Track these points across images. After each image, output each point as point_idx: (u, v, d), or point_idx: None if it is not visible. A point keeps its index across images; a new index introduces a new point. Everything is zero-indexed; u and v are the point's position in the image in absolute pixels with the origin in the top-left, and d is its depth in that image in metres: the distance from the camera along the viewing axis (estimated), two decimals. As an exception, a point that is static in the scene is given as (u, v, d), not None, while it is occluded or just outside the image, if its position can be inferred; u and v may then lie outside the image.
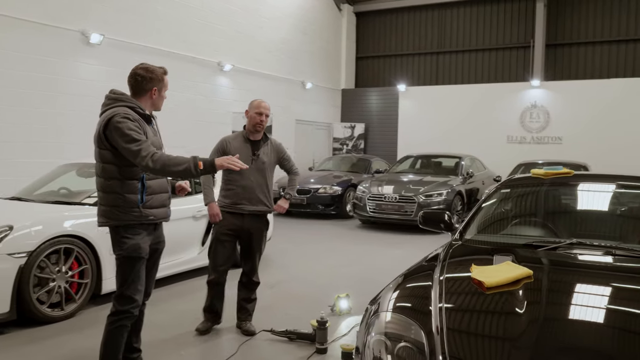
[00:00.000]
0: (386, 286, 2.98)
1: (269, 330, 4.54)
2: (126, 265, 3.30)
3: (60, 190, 6.13)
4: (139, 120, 3.24)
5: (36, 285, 4.64)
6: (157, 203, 3.40)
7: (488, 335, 2.31)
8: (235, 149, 4.38)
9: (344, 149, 17.13)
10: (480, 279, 2.65)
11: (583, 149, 13.93)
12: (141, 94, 3.37)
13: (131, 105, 3.27)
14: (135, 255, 3.29)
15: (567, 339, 2.24)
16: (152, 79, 3.36)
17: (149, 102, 3.40)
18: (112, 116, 3.16)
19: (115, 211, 3.25)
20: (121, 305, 3.31)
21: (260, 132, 4.54)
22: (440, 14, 17.19)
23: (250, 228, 4.54)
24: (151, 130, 3.36)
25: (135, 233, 3.29)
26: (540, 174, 4.03)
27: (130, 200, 3.25)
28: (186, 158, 3.14)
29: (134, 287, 3.31)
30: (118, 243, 3.29)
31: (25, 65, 8.62)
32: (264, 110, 4.50)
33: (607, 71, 15.05)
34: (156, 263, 3.63)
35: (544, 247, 3.11)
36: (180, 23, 11.49)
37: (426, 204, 10.25)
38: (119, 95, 3.31)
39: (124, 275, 3.31)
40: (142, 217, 3.30)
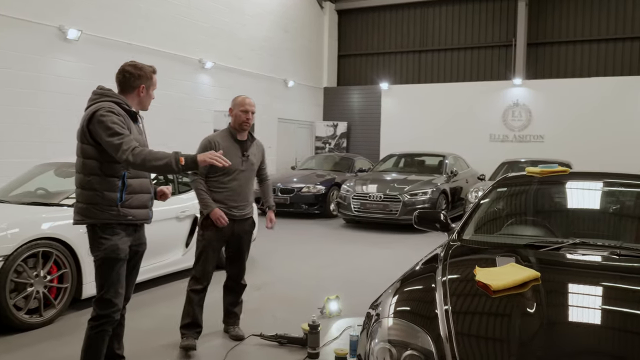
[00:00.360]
0: (386, 290, 2.86)
1: (259, 334, 4.40)
2: (105, 267, 3.16)
3: (37, 191, 5.89)
4: (124, 116, 3.14)
5: (13, 290, 4.42)
6: (137, 203, 3.26)
7: (499, 339, 2.20)
8: (224, 150, 4.03)
9: (326, 148, 17.02)
10: (486, 281, 2.54)
11: (564, 147, 14.02)
12: (128, 91, 3.28)
13: (117, 101, 3.18)
14: (113, 257, 3.15)
15: (580, 342, 2.15)
16: (140, 76, 3.28)
17: (136, 100, 3.31)
18: (96, 110, 3.08)
19: (92, 209, 3.13)
20: (101, 309, 3.17)
21: (246, 131, 4.32)
22: (422, 12, 17.17)
23: (241, 232, 4.35)
24: (136, 129, 3.26)
25: (114, 233, 3.16)
26: (536, 173, 3.95)
27: (109, 198, 3.13)
28: (167, 153, 3.06)
29: (114, 290, 3.17)
30: (95, 243, 3.17)
31: (1, 62, 8.32)
32: (249, 108, 4.26)
33: (588, 70, 15.17)
34: (136, 266, 3.48)
35: (546, 247, 3.02)
36: (161, 19, 11.25)
37: (411, 202, 10.18)
38: (105, 91, 3.22)
39: (103, 278, 3.17)
40: (120, 217, 3.17)
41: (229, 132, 4.29)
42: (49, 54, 9.02)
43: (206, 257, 4.21)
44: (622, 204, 3.70)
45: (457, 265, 2.93)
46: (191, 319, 4.19)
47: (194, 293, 4.21)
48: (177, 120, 11.43)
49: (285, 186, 11.87)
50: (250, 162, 4.31)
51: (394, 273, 6.83)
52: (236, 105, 4.26)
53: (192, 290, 4.21)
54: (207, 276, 4.25)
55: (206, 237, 4.20)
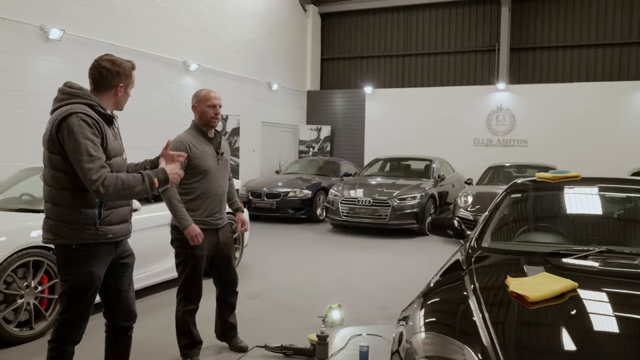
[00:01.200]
0: (411, 304, 2.74)
1: (263, 346, 4.24)
2: (74, 293, 2.81)
3: (22, 197, 5.64)
4: (98, 122, 2.74)
5: (2, 302, 4.19)
6: (117, 219, 2.89)
7: (546, 351, 2.09)
8: (199, 152, 3.79)
9: (310, 152, 16.89)
10: (522, 292, 2.43)
11: (548, 151, 14.14)
12: (104, 89, 2.87)
13: (90, 103, 2.77)
14: (86, 285, 2.81)
15: (629, 354, 2.05)
16: (118, 74, 2.88)
17: (112, 100, 2.91)
18: (66, 115, 2.67)
19: (65, 227, 2.74)
20: (64, 332, 2.86)
21: (214, 129, 3.93)
22: (406, 16, 17.18)
23: (225, 240, 4.05)
24: (112, 133, 2.86)
25: (91, 256, 2.80)
26: (547, 178, 3.88)
27: (86, 215, 2.76)
28: (138, 177, 2.73)
29: (79, 315, 2.85)
30: (67, 267, 2.80)
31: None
32: (216, 101, 3.85)
33: (570, 75, 15.35)
34: (130, 280, 3.13)
35: (572, 255, 2.94)
36: (145, 19, 11.00)
37: (400, 207, 10.11)
38: (76, 90, 2.80)
39: (70, 303, 2.82)
40: (98, 236, 2.80)
41: (198, 131, 3.88)
42: (31, 55, 8.71)
43: (197, 275, 3.88)
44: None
45: (485, 274, 2.83)
46: (190, 338, 3.93)
47: (188, 314, 3.90)
48: (161, 123, 11.17)
49: (271, 191, 11.70)
50: (224, 160, 4.00)
51: (390, 279, 6.78)
52: (201, 101, 3.86)
53: (186, 312, 3.89)
54: (199, 295, 3.96)
55: (195, 256, 3.81)
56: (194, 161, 3.76)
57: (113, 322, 3.11)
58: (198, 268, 3.86)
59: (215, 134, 3.99)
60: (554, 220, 3.64)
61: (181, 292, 3.91)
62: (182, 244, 3.80)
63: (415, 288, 6.26)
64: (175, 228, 3.83)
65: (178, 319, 3.92)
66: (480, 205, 9.79)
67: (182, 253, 3.84)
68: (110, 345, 3.18)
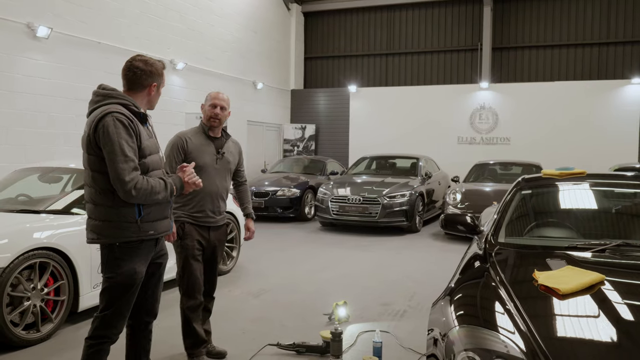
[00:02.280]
0: (437, 302, 2.77)
1: (275, 344, 4.24)
2: (117, 291, 2.85)
3: (18, 198, 5.55)
4: (133, 121, 2.80)
5: (8, 305, 4.12)
6: (158, 215, 2.95)
7: (587, 342, 2.15)
8: (195, 147, 3.81)
9: (295, 151, 16.89)
10: (552, 285, 2.49)
11: (530, 148, 14.39)
12: (138, 89, 2.94)
13: (125, 103, 2.84)
14: (129, 282, 2.86)
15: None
16: (152, 74, 2.95)
17: (146, 100, 2.98)
18: (102, 115, 2.74)
19: (108, 226, 2.81)
20: (102, 329, 2.87)
21: (217, 128, 3.94)
22: (389, 15, 17.28)
23: (216, 241, 3.99)
24: (146, 132, 2.92)
25: (134, 254, 2.86)
26: (554, 175, 3.97)
27: (126, 214, 2.81)
28: (162, 184, 2.85)
29: (119, 313, 2.89)
30: (110, 265, 2.85)
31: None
32: (218, 102, 3.90)
33: (550, 74, 15.63)
34: (161, 279, 3.19)
35: (590, 248, 3.01)
36: (132, 18, 10.87)
37: (389, 205, 10.18)
38: (109, 92, 2.87)
39: (111, 301, 2.86)
40: (140, 233, 2.86)
41: (201, 129, 3.95)
42: (17, 53, 8.54)
43: (192, 268, 3.82)
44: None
45: (508, 268, 2.89)
46: (195, 337, 3.88)
47: (191, 310, 3.84)
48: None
49: (259, 190, 11.68)
50: (226, 160, 3.96)
51: (386, 276, 6.84)
52: (207, 100, 3.96)
53: (189, 308, 3.83)
54: (199, 288, 3.86)
55: (186, 246, 3.81)
56: (189, 155, 3.77)
57: (134, 317, 3.12)
58: (191, 259, 3.80)
59: (222, 134, 3.99)
60: (564, 215, 3.72)
61: (181, 288, 3.87)
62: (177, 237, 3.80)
63: (412, 284, 6.40)
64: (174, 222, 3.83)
65: (182, 317, 3.89)
66: (468, 202, 9.93)
67: (175, 246, 3.83)
68: (131, 340, 3.20)
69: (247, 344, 4.35)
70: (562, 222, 3.62)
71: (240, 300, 5.72)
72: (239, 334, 4.64)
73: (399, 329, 4.81)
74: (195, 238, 3.82)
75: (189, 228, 3.81)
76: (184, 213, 3.81)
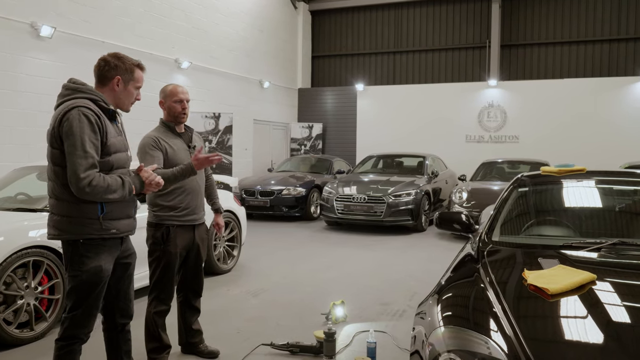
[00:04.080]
0: (424, 301, 2.71)
1: (269, 344, 4.19)
2: (83, 289, 2.78)
3: (17, 196, 5.55)
4: (100, 116, 2.74)
5: (1, 303, 4.11)
6: (120, 214, 2.88)
7: (572, 344, 2.07)
8: (168, 146, 3.68)
9: (302, 150, 16.84)
10: (541, 285, 2.42)
11: (539, 147, 14.23)
12: (103, 83, 2.88)
13: (93, 98, 2.78)
14: (96, 280, 2.79)
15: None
16: (116, 67, 2.86)
17: (112, 95, 2.89)
18: (69, 109, 2.68)
19: (69, 222, 2.74)
20: (72, 330, 2.81)
21: (182, 124, 3.82)
22: (396, 13, 17.18)
23: (199, 240, 3.91)
24: (114, 129, 2.86)
25: (99, 251, 2.80)
26: (553, 172, 3.88)
27: (88, 210, 2.74)
28: (120, 182, 2.74)
29: (89, 312, 2.82)
30: (75, 263, 2.77)
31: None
32: (183, 96, 3.74)
33: (560, 71, 15.45)
34: (131, 280, 3.11)
35: (585, 247, 2.93)
36: (136, 17, 10.88)
37: (395, 204, 10.10)
38: (78, 85, 2.81)
39: (79, 300, 2.78)
40: (102, 231, 2.79)
41: (167, 127, 3.77)
42: (21, 52, 8.57)
43: (171, 274, 3.74)
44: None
45: (499, 268, 2.81)
46: (159, 342, 3.78)
47: (159, 315, 3.76)
48: (154, 122, 11.02)
49: (265, 189, 11.65)
50: None
51: (389, 276, 6.76)
52: (168, 96, 3.75)
53: (157, 313, 3.75)
54: (171, 295, 3.81)
55: (169, 253, 3.69)
56: (165, 156, 3.65)
57: (109, 319, 3.09)
58: (172, 266, 3.73)
59: (185, 129, 3.89)
60: (561, 213, 3.63)
61: (153, 292, 3.77)
62: (156, 241, 3.72)
63: (414, 284, 6.32)
64: (151, 225, 3.75)
65: (148, 320, 3.78)
66: (475, 201, 9.82)
67: (156, 250, 3.73)
68: (110, 343, 3.15)
69: (240, 344, 4.30)
70: (559, 220, 3.54)
71: (239, 299, 5.68)
72: (234, 333, 4.59)
73: (397, 329, 4.74)
74: (178, 245, 3.74)
75: (173, 233, 3.72)
76: (167, 215, 3.72)
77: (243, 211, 7.33)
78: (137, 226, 3.08)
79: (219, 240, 6.71)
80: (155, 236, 3.72)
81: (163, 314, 3.80)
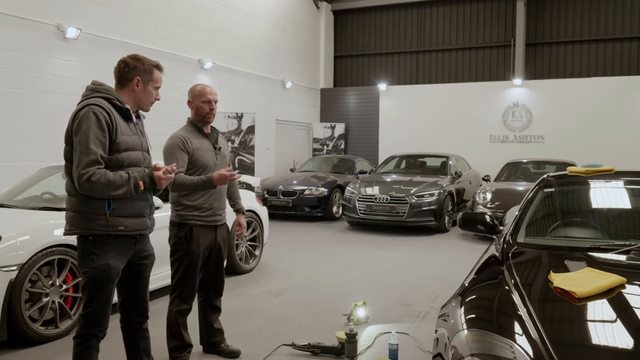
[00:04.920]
0: (448, 303, 2.66)
1: (290, 344, 4.18)
2: (93, 286, 2.82)
3: (43, 195, 5.64)
4: (110, 113, 2.77)
5: (27, 301, 4.17)
6: (130, 211, 2.88)
7: (601, 349, 2.01)
8: (196, 146, 3.72)
9: (324, 150, 16.82)
10: (568, 288, 2.36)
11: (565, 147, 13.98)
12: (123, 84, 2.94)
13: (108, 97, 2.83)
14: (104, 277, 2.82)
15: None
16: (136, 68, 2.92)
17: (132, 96, 2.95)
18: (81, 107, 2.77)
19: (80, 218, 2.79)
20: (87, 327, 2.87)
21: (209, 124, 3.87)
22: (419, 12, 17.06)
23: (222, 240, 3.94)
24: (130, 129, 2.90)
25: (107, 249, 2.82)
26: (580, 172, 3.79)
27: (95, 205, 2.77)
28: (125, 178, 2.76)
29: (101, 310, 2.86)
30: (85, 259, 2.82)
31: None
32: (211, 97, 3.78)
33: (587, 70, 15.16)
34: (146, 281, 3.12)
35: (614, 249, 2.85)
36: (160, 18, 10.99)
37: (418, 204, 10.01)
38: (97, 86, 2.88)
39: (90, 297, 2.83)
40: (109, 227, 2.80)
41: (194, 127, 3.81)
42: (48, 53, 8.72)
43: (194, 273, 3.77)
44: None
45: (524, 270, 2.75)
46: (181, 340, 3.82)
47: (181, 314, 3.79)
48: (177, 122, 11.07)
49: (287, 189, 11.65)
50: (222, 155, 3.89)
51: (411, 276, 6.70)
52: (196, 96, 3.79)
53: (179, 312, 3.78)
54: (194, 295, 3.84)
55: (192, 253, 3.72)
56: (192, 156, 3.70)
57: (125, 318, 3.13)
58: (194, 266, 3.75)
59: (211, 129, 3.92)
60: (588, 214, 3.55)
61: (175, 290, 3.80)
62: (179, 240, 3.74)
63: (438, 285, 6.25)
64: (174, 224, 3.77)
65: (170, 319, 3.81)
66: (499, 202, 9.68)
67: (179, 250, 3.75)
68: (129, 341, 3.19)
69: (262, 344, 4.30)
70: (586, 222, 3.45)
71: (261, 299, 5.68)
72: (255, 333, 4.59)
73: (419, 331, 4.69)
74: (201, 245, 3.76)
75: (196, 232, 3.74)
76: (190, 214, 3.74)
77: (265, 211, 7.34)
78: (158, 225, 3.09)
79: (241, 240, 6.73)
80: (178, 235, 3.74)
81: (185, 313, 3.83)
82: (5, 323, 3.97)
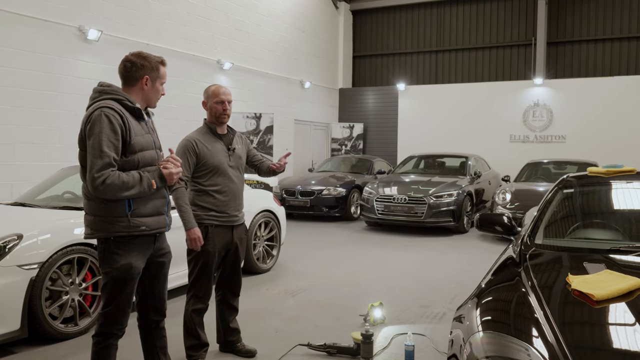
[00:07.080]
0: (464, 304, 2.64)
1: (306, 344, 4.18)
2: (115, 286, 2.86)
3: (64, 195, 5.72)
4: (122, 115, 2.79)
5: (47, 299, 4.24)
6: (150, 210, 2.91)
7: (619, 352, 1.98)
8: (206, 147, 3.73)
9: (343, 150, 16.80)
10: (586, 290, 2.32)
11: (587, 147, 13.77)
12: (131, 83, 2.93)
13: (118, 98, 2.84)
14: (126, 277, 2.86)
15: None
16: (143, 66, 2.92)
17: (140, 94, 2.95)
18: (93, 111, 2.77)
19: (100, 221, 2.82)
20: (106, 326, 2.91)
21: (225, 125, 3.86)
22: (438, 11, 16.94)
23: (238, 240, 3.94)
24: (142, 128, 2.91)
25: (129, 248, 2.86)
26: (601, 173, 3.74)
27: (115, 208, 2.80)
28: (137, 179, 2.78)
29: (121, 309, 2.90)
30: (107, 259, 2.86)
31: (22, 62, 8.15)
32: (224, 97, 3.77)
33: (610, 69, 14.91)
34: (164, 279, 3.16)
35: (634, 252, 2.80)
36: (179, 19, 11.08)
37: (436, 205, 9.95)
38: (105, 88, 2.88)
39: (111, 296, 2.87)
40: (131, 228, 2.83)
41: (208, 128, 3.83)
42: (69, 55, 8.85)
43: (209, 273, 3.80)
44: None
45: (542, 272, 2.72)
46: (197, 339, 3.85)
47: (197, 313, 3.84)
48: (196, 122, 11.17)
49: (305, 189, 11.67)
50: (237, 156, 3.89)
51: (429, 277, 6.66)
52: (210, 97, 3.79)
53: (195, 311, 3.83)
54: (209, 294, 3.87)
55: (207, 253, 3.75)
56: (202, 158, 3.71)
57: (143, 316, 3.16)
58: (210, 265, 3.77)
59: (228, 130, 3.92)
60: (608, 216, 3.49)
61: (191, 290, 3.84)
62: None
63: (455, 286, 6.20)
64: None
65: (186, 318, 3.85)
66: (518, 203, 9.58)
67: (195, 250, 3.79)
68: (145, 339, 3.22)
69: (278, 344, 4.31)
70: (606, 224, 3.39)
71: (277, 299, 5.69)
72: (272, 333, 4.60)
73: (436, 332, 4.66)
74: (217, 245, 3.78)
75: (212, 232, 3.76)
76: (206, 214, 3.76)
77: (283, 211, 7.35)
78: (174, 225, 3.11)
79: (258, 240, 6.75)
80: None
81: (201, 312, 3.86)
82: (26, 320, 4.04)
